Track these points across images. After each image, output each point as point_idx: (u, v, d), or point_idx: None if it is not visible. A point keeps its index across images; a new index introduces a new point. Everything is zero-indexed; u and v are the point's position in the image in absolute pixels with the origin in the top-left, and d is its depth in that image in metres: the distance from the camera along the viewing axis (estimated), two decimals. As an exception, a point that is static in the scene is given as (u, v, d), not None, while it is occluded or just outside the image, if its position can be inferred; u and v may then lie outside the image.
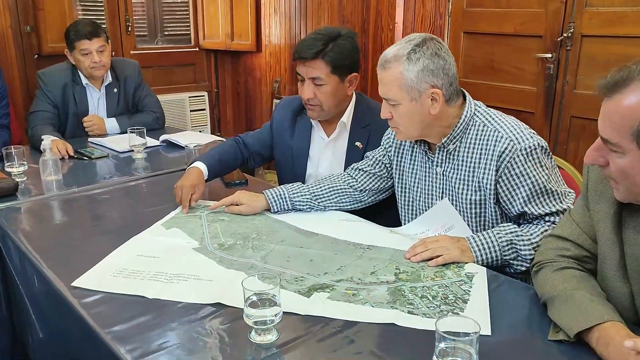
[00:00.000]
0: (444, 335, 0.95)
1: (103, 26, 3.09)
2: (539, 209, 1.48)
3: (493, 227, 1.55)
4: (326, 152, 2.05)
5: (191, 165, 1.93)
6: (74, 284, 1.33)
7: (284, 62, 4.71)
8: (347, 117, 1.98)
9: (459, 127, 1.55)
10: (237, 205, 1.78)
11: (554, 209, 1.47)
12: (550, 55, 3.03)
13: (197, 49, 5.19)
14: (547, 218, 1.48)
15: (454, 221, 1.59)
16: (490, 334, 1.14)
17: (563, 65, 3.00)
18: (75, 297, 1.29)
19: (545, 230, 1.46)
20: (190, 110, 5.11)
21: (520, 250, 1.46)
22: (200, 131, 4.91)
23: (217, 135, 4.10)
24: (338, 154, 2.02)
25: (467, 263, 1.43)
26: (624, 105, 0.97)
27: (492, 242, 1.45)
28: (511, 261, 1.47)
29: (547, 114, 3.11)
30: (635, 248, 1.11)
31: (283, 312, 1.14)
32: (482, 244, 1.45)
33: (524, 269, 1.48)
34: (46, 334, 1.57)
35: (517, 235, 1.46)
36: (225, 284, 1.34)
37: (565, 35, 2.94)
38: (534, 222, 1.50)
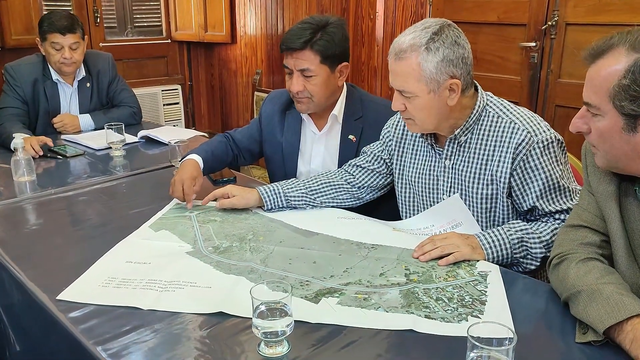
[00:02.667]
0: (477, 344, 0.88)
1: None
2: (550, 205, 1.43)
3: (504, 223, 1.49)
4: (318, 147, 1.96)
5: (186, 158, 1.83)
6: (59, 297, 1.22)
7: (260, 54, 4.59)
8: (338, 109, 1.89)
9: (471, 118, 1.48)
10: (228, 198, 1.69)
11: (564, 207, 1.42)
12: (534, 44, 3.01)
13: (169, 41, 5.03)
14: (556, 216, 1.43)
15: (462, 218, 1.52)
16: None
17: (547, 54, 2.98)
18: (62, 311, 1.18)
19: (556, 229, 1.41)
20: (164, 104, 4.96)
21: (531, 248, 1.40)
22: (174, 125, 4.77)
23: (193, 129, 3.97)
24: (331, 148, 1.94)
25: (478, 261, 1.37)
26: (604, 69, 1.04)
27: (502, 239, 1.40)
28: (521, 259, 1.42)
29: (531, 103, 3.09)
30: (635, 223, 1.12)
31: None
32: (493, 241, 1.39)
33: (533, 267, 1.43)
34: (25, 348, 1.45)
35: (528, 233, 1.41)
36: (225, 290, 1.24)
37: (549, 23, 2.92)
38: (543, 220, 1.45)
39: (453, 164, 1.54)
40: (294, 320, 1.05)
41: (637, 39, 1.01)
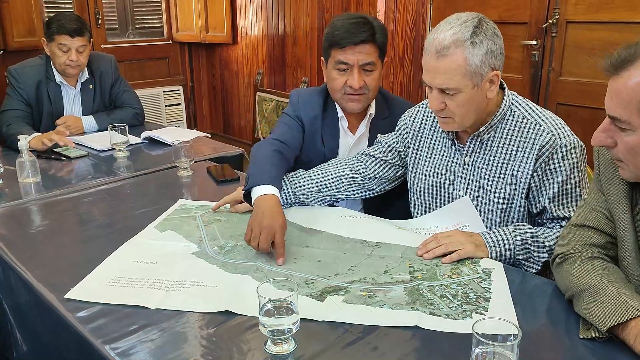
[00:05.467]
0: (482, 339, 0.89)
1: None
2: (560, 209, 1.43)
3: None
4: (352, 151, 1.91)
5: (263, 193, 1.52)
6: (67, 296, 1.23)
7: (261, 54, 4.60)
8: (372, 108, 1.86)
9: (497, 116, 1.47)
10: (242, 202, 1.69)
11: (573, 215, 1.42)
12: (535, 42, 3.01)
13: (170, 42, 5.05)
14: (562, 223, 1.43)
15: (469, 220, 1.52)
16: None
17: (548, 52, 2.99)
18: (70, 310, 1.19)
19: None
20: (165, 105, 4.97)
21: (534, 251, 1.41)
22: (176, 126, 4.78)
23: (195, 130, 3.98)
24: (361, 149, 1.87)
25: (482, 258, 1.38)
26: (632, 82, 0.98)
27: (507, 239, 1.40)
28: (523, 261, 1.43)
29: (532, 101, 3.09)
30: None
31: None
32: (497, 240, 1.40)
33: (533, 271, 1.43)
34: (33, 348, 1.46)
35: (532, 236, 1.41)
36: (232, 289, 1.25)
37: (550, 21, 2.92)
38: (549, 225, 1.46)
39: (473, 161, 1.53)
40: (300, 318, 1.06)
41: None
